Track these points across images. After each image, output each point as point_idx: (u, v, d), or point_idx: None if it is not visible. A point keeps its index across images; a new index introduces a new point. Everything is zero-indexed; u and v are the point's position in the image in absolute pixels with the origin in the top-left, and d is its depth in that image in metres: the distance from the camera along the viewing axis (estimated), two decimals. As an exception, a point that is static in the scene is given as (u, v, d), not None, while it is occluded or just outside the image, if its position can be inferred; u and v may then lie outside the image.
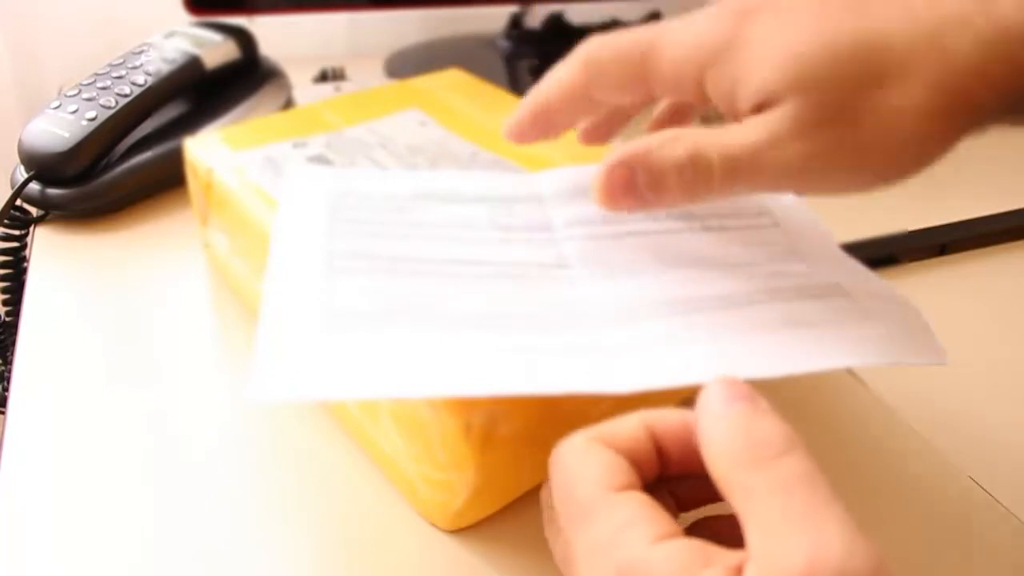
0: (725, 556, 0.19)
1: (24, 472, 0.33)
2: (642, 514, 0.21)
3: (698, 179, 0.26)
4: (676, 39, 0.28)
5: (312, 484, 0.33)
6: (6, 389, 0.44)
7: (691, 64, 0.27)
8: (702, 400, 0.22)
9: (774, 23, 0.26)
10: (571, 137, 0.44)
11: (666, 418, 0.24)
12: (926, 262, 0.51)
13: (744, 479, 0.20)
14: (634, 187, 0.27)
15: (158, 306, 0.43)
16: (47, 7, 0.74)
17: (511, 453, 0.30)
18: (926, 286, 0.49)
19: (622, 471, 0.22)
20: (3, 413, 0.36)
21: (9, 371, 0.39)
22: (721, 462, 0.21)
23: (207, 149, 0.42)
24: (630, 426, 0.24)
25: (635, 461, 0.23)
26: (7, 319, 0.52)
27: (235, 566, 0.29)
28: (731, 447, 0.21)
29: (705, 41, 0.27)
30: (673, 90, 0.29)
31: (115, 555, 0.29)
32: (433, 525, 0.31)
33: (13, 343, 0.41)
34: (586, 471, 0.22)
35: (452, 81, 0.51)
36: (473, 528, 0.31)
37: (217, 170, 0.40)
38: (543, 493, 0.26)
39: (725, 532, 0.21)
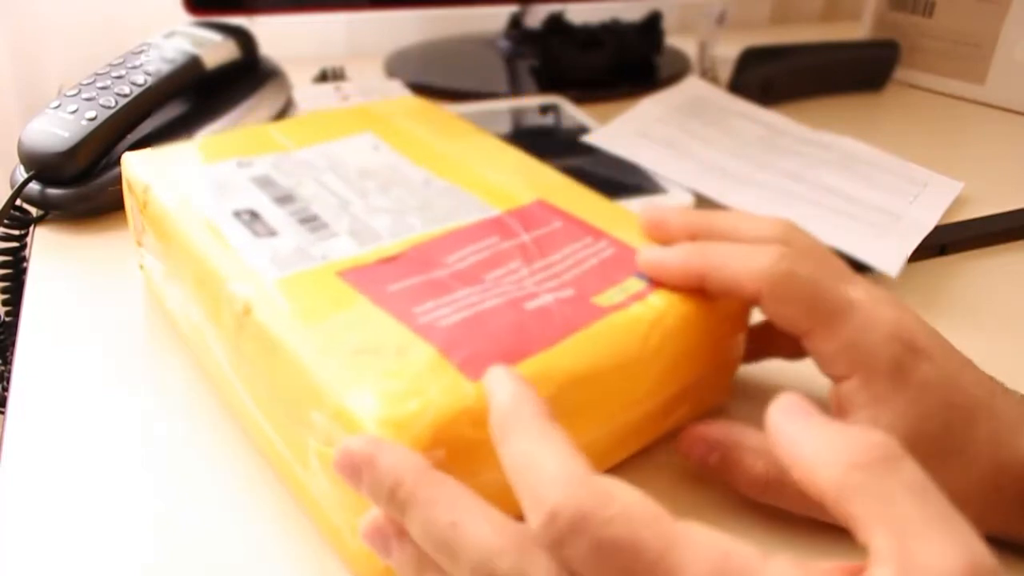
0: (832, 569, 0.19)
1: (24, 472, 0.33)
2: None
3: None
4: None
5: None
6: (6, 389, 0.44)
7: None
8: (775, 414, 0.22)
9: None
10: (528, 169, 0.43)
11: None
12: (926, 262, 0.51)
13: (867, 481, 0.19)
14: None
15: (158, 305, 0.43)
16: (47, 7, 0.74)
17: None
18: (926, 286, 0.49)
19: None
20: (3, 413, 0.36)
21: (9, 371, 0.39)
22: (833, 465, 0.19)
23: (148, 165, 0.40)
24: None
25: None
26: (7, 319, 0.52)
27: (236, 565, 0.29)
28: (844, 448, 0.20)
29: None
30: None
31: (115, 554, 0.29)
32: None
33: (13, 343, 0.41)
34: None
35: (409, 107, 0.50)
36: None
37: (154, 188, 0.38)
38: None
39: None
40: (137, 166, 0.40)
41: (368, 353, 0.28)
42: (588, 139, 0.61)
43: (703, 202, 0.55)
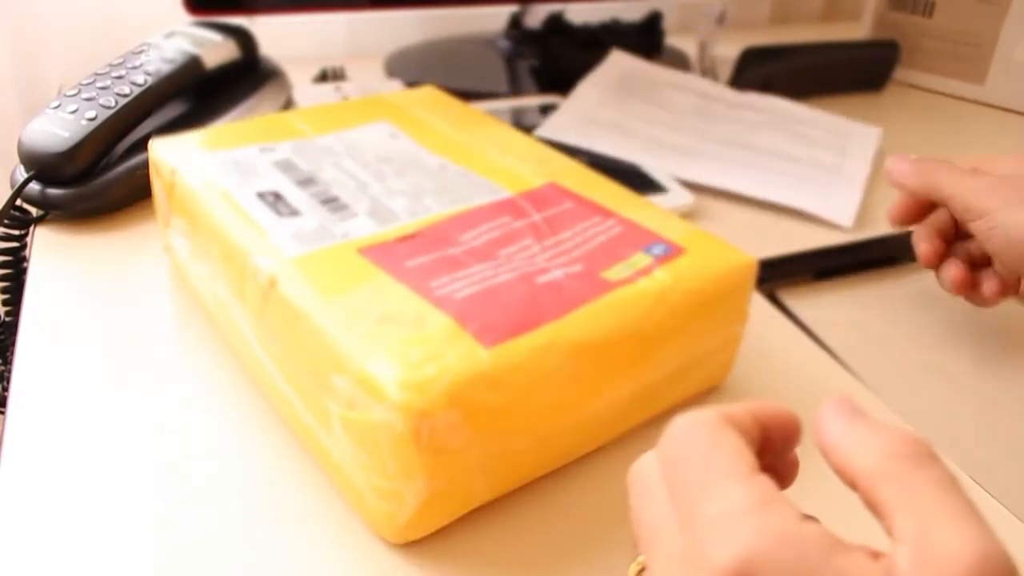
0: (858, 551, 0.20)
1: (24, 472, 0.33)
2: (783, 497, 0.21)
3: None
4: None
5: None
6: (6, 389, 0.44)
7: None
8: (826, 409, 0.23)
9: None
10: (540, 155, 0.44)
11: (770, 412, 0.24)
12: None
13: (898, 470, 0.20)
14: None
15: (158, 305, 0.43)
16: (47, 7, 0.74)
17: (462, 464, 0.29)
18: (926, 286, 0.49)
19: (751, 456, 0.22)
20: (3, 413, 0.36)
21: (9, 371, 0.39)
22: (870, 454, 0.21)
23: (174, 150, 0.42)
24: (746, 418, 0.24)
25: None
26: (7, 319, 0.52)
27: (238, 564, 0.29)
28: (883, 441, 0.21)
29: None
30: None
31: (114, 554, 0.29)
32: (381, 539, 0.30)
33: (13, 343, 0.41)
34: (726, 443, 0.22)
35: (424, 97, 0.51)
36: (420, 543, 0.30)
37: (181, 171, 0.40)
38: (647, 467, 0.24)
39: None
40: (164, 151, 0.42)
41: (388, 323, 0.30)
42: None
43: (697, 197, 0.55)
